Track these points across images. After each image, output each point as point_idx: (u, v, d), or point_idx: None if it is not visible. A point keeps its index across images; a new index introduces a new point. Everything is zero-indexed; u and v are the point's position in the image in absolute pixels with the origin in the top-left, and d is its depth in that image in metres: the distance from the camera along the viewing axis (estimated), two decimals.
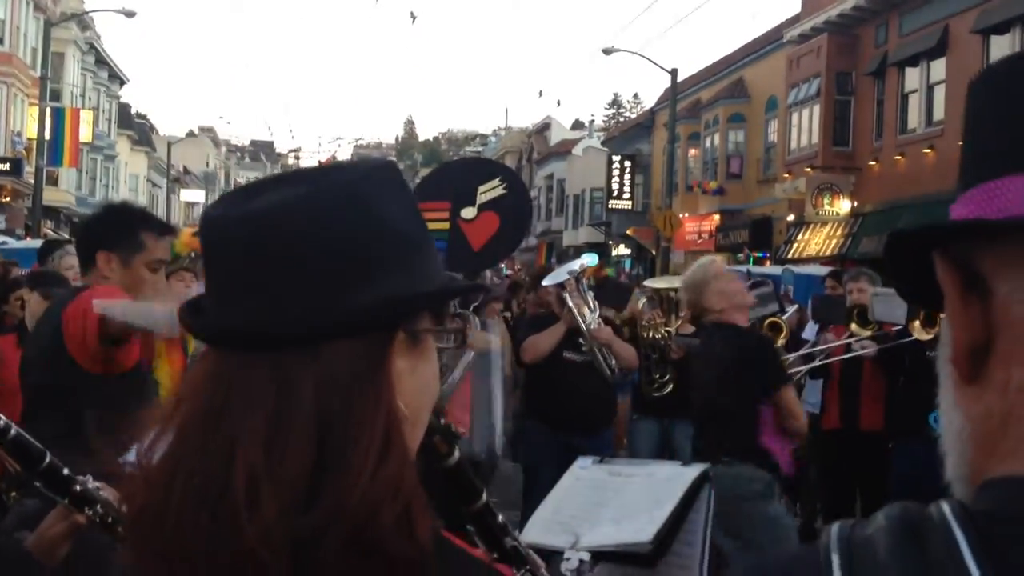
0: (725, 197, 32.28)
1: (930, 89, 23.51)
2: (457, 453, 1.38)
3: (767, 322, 6.87)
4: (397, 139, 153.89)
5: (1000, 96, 0.77)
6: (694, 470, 2.13)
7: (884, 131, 25.04)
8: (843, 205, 25.73)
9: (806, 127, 27.57)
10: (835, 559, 0.69)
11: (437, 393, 1.13)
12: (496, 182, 7.81)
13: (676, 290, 7.78)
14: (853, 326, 6.75)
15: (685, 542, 2.08)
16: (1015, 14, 20.64)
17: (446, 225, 7.78)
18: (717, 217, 32.71)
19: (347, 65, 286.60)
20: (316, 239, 0.99)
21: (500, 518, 1.46)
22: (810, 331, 7.88)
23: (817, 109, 26.96)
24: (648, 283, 8.52)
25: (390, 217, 1.04)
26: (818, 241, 26.15)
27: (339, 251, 1.00)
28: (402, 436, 1.01)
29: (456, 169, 9.74)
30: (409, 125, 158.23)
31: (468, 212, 7.78)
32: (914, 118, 24.05)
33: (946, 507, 0.68)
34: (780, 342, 6.81)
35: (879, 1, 25.10)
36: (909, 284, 0.82)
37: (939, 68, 23.30)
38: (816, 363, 7.01)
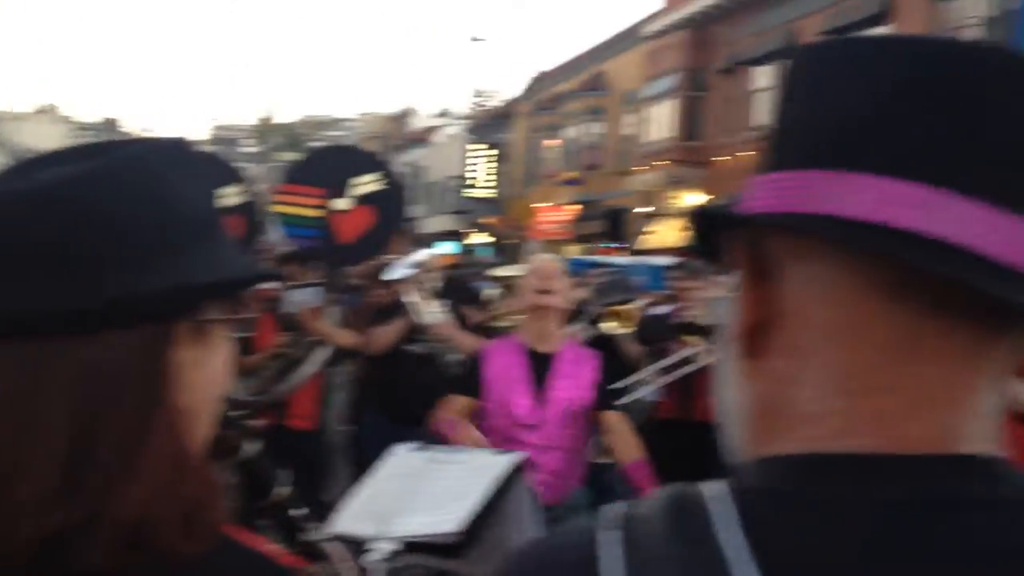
0: (583, 188, 32.74)
1: (777, 88, 24.43)
2: (252, 447, 1.35)
3: (611, 310, 6.86)
4: (256, 121, 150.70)
5: (803, 84, 0.78)
6: (510, 458, 2.13)
7: (733, 127, 25.84)
8: (694, 198, 26.44)
9: (661, 121, 28.21)
10: (612, 535, 0.71)
11: (225, 386, 1.09)
12: (376, 176, 7.63)
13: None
14: (686, 338, 6.67)
15: (501, 531, 2.10)
16: (856, 19, 21.60)
17: (319, 212, 7.56)
18: (574, 207, 33.16)
19: (205, 43, 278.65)
20: (82, 221, 0.93)
21: (298, 513, 1.44)
22: None
23: (672, 104, 27.62)
24: (499, 271, 8.54)
25: (172, 199, 0.98)
26: (670, 233, 26.83)
27: (107, 235, 0.94)
28: (188, 439, 0.98)
29: (330, 156, 9.25)
30: (269, 107, 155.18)
31: (341, 203, 7.57)
32: (762, 115, 24.90)
33: (714, 485, 0.72)
34: (626, 330, 6.85)
35: (734, 0, 25.87)
36: (711, 251, 0.85)
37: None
38: (657, 384, 6.93)
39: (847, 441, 0.70)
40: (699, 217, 0.83)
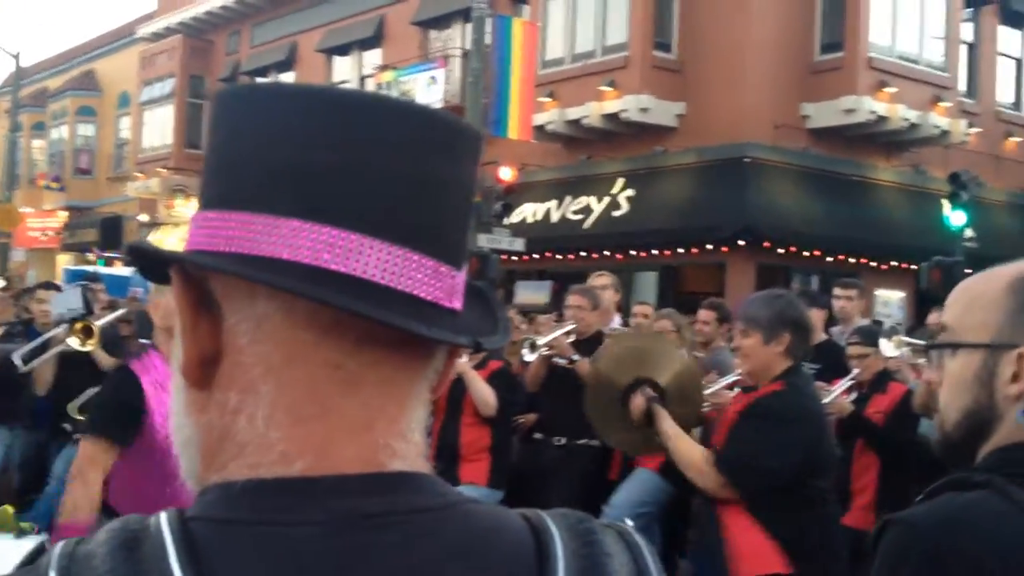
0: (73, 193, 30.73)
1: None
2: None
3: (78, 325, 6.50)
4: None
5: (229, 125, 0.79)
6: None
7: None
8: (196, 207, 25.98)
9: (160, 127, 27.34)
10: (55, 574, 0.70)
11: None
12: None
13: None
14: None
15: None
16: (351, 39, 22.57)
17: None
18: (64, 214, 31.02)
19: None
20: None
21: None
22: None
23: (171, 110, 26.87)
24: None
25: None
26: (172, 243, 26.10)
27: None
28: None
29: None
30: None
31: None
32: None
33: (163, 515, 0.74)
34: (91, 347, 6.51)
35: (232, 10, 25.78)
36: (156, 278, 0.86)
37: (288, 81, 24.56)
38: None
39: (288, 467, 0.75)
40: (136, 253, 0.83)
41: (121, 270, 18.61)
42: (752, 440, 3.61)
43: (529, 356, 6.40)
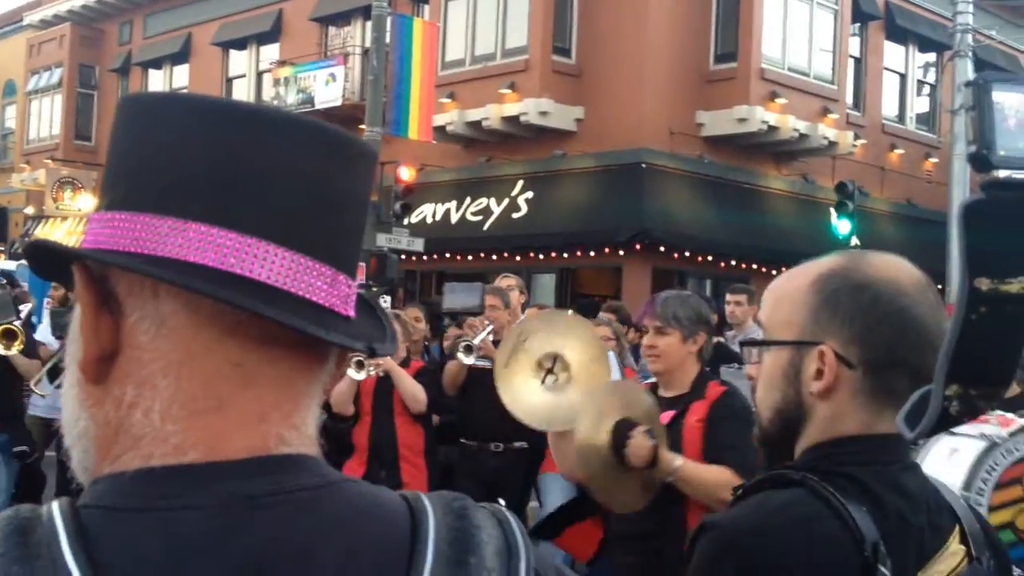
0: None
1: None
2: None
3: (1, 328, 6.35)
4: None
5: (135, 131, 0.82)
6: None
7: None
8: (85, 200, 25.26)
9: (47, 117, 26.50)
10: None
11: None
12: None
13: None
14: None
15: None
16: (249, 33, 22.22)
17: None
18: None
19: None
20: None
21: None
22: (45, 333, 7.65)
23: (59, 99, 26.08)
24: None
25: None
26: (59, 236, 25.32)
27: None
28: None
29: None
30: None
31: None
32: None
33: (55, 504, 0.77)
34: (16, 351, 6.37)
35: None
36: (64, 278, 0.86)
37: (182, 73, 24.10)
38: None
39: (180, 457, 0.78)
40: (39, 249, 0.85)
41: (4, 264, 17.98)
42: (744, 445, 3.37)
43: (467, 359, 6.32)
